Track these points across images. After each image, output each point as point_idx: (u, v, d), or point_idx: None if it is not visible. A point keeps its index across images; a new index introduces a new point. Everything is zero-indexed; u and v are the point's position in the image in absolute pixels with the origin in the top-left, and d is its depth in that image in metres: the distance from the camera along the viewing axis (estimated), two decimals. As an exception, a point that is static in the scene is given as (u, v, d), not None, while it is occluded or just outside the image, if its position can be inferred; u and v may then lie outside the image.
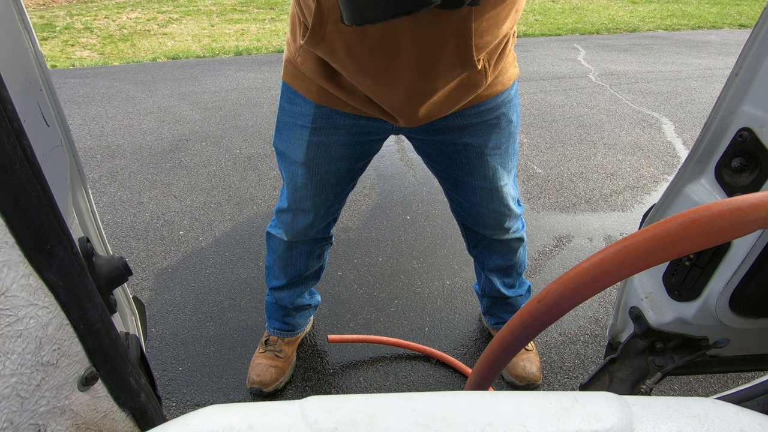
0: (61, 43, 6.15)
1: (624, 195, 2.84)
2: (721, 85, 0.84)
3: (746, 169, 0.81)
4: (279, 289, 1.61)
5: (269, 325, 1.71)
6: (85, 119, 3.74)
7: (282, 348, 1.69)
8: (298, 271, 1.56)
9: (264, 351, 1.69)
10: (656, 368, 1.05)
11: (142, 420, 0.66)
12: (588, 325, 1.94)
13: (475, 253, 1.62)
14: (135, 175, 2.97)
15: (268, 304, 1.69)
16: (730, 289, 0.87)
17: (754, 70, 0.78)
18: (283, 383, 1.67)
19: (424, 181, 2.95)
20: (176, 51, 5.77)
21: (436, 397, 0.48)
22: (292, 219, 1.41)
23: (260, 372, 1.63)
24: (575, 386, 1.69)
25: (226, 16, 7.89)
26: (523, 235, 1.55)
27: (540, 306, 0.63)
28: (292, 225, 1.43)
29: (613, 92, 4.48)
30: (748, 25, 7.64)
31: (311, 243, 1.51)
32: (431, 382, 1.69)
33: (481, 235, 1.51)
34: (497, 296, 1.69)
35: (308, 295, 1.73)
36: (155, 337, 1.84)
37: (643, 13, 8.33)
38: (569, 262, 2.28)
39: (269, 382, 1.63)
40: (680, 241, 0.51)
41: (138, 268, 2.18)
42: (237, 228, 2.47)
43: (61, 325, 0.50)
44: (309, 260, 1.55)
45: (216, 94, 4.32)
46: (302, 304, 1.69)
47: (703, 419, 0.45)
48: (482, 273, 1.68)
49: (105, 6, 8.48)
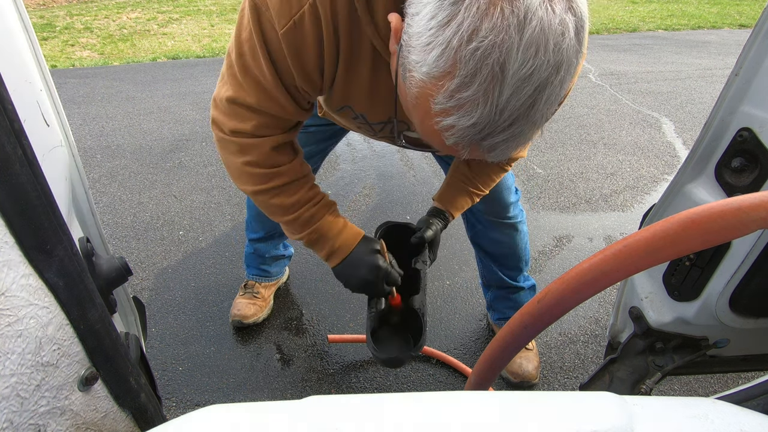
0: (61, 43, 6.15)
1: (624, 195, 2.84)
2: (721, 85, 0.84)
3: (746, 169, 0.81)
4: (257, 240, 1.83)
5: (248, 272, 1.93)
6: (85, 119, 3.74)
7: (259, 290, 1.92)
8: (273, 225, 1.72)
9: (243, 293, 1.91)
10: (656, 368, 1.05)
11: (142, 420, 0.66)
12: (588, 325, 1.94)
13: (471, 234, 1.64)
14: (135, 175, 2.97)
15: (247, 254, 1.90)
16: (730, 289, 0.87)
17: (754, 70, 0.78)
18: (261, 318, 1.90)
19: (424, 181, 2.95)
20: (176, 51, 5.77)
21: (436, 397, 0.48)
22: None
23: (240, 308, 1.86)
24: (575, 386, 1.69)
25: (226, 16, 7.89)
26: (518, 224, 1.56)
27: (540, 306, 0.63)
28: None
29: (613, 92, 4.48)
30: (748, 25, 7.64)
31: None
32: (431, 382, 1.69)
33: (479, 215, 1.53)
34: (499, 286, 1.71)
35: (282, 247, 1.93)
36: (155, 337, 1.84)
37: (643, 13, 8.33)
38: (569, 262, 2.28)
39: (249, 315, 1.86)
40: (680, 241, 0.51)
41: (138, 268, 2.18)
42: (237, 228, 2.47)
43: (61, 325, 0.50)
44: None
45: (216, 94, 4.32)
46: (277, 254, 1.91)
47: (703, 419, 0.45)
48: (481, 259, 1.70)
49: (105, 6, 8.47)
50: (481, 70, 0.57)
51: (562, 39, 0.57)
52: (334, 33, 0.80)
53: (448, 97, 0.60)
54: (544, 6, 0.55)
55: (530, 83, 0.57)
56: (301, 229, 1.05)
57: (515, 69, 0.56)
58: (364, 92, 0.92)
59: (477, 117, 0.60)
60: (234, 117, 0.93)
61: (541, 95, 0.59)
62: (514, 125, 0.61)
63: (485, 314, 1.95)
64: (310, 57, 0.82)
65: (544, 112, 0.62)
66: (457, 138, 0.63)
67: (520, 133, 0.63)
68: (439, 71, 0.59)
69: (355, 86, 0.90)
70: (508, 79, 0.57)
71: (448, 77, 0.59)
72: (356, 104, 0.97)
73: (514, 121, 0.61)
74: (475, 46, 0.56)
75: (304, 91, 0.89)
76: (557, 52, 0.57)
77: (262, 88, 0.87)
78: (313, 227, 1.04)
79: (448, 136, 0.64)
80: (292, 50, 0.81)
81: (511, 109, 0.59)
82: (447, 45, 0.57)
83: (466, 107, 0.60)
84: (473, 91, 0.58)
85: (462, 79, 0.58)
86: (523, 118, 0.61)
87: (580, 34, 0.59)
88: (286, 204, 1.02)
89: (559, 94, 0.61)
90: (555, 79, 0.59)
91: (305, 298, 2.05)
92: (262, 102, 0.89)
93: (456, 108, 0.60)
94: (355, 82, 0.89)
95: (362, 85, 0.90)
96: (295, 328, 1.90)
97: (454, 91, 0.59)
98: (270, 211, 1.05)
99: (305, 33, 0.79)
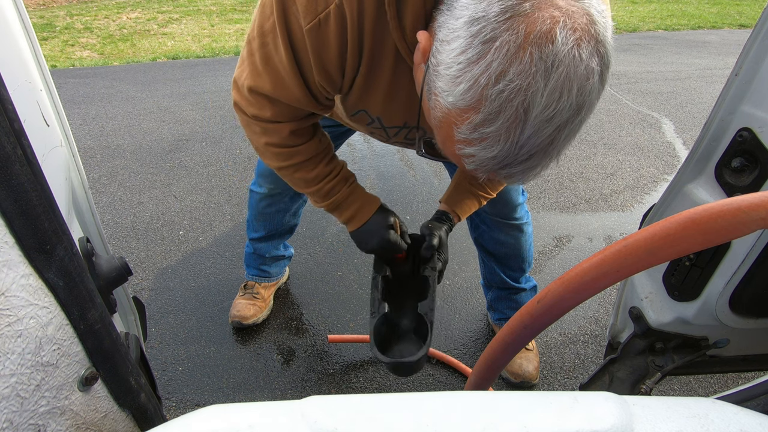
0: (61, 43, 6.15)
1: (624, 195, 2.84)
2: (721, 85, 0.83)
3: (746, 169, 0.81)
4: (257, 240, 1.82)
5: (248, 272, 1.93)
6: (85, 119, 3.74)
7: (259, 291, 1.92)
8: (275, 225, 1.76)
9: (243, 294, 1.91)
10: (656, 368, 1.05)
11: (142, 420, 0.66)
12: (588, 325, 1.94)
13: (475, 235, 1.64)
14: (135, 175, 2.97)
15: (246, 254, 1.91)
16: (730, 289, 0.87)
17: (754, 70, 0.78)
18: (260, 319, 1.89)
19: (424, 181, 2.95)
20: (176, 51, 5.77)
21: (436, 397, 0.48)
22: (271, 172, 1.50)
23: (240, 309, 1.86)
24: (575, 386, 1.69)
25: (226, 16, 7.89)
26: (524, 225, 1.56)
27: (540, 306, 0.63)
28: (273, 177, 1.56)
29: (613, 92, 4.48)
30: (748, 25, 7.64)
31: (288, 200, 1.68)
32: (431, 382, 1.69)
33: (484, 216, 1.53)
34: (501, 287, 1.70)
35: (283, 248, 1.93)
36: (155, 337, 1.84)
37: (643, 13, 8.33)
38: (569, 262, 2.28)
39: (248, 316, 1.85)
40: (680, 241, 0.51)
41: (138, 268, 2.18)
42: (237, 228, 2.47)
43: (61, 325, 0.50)
44: (285, 216, 1.74)
45: (216, 94, 4.32)
46: (277, 254, 1.91)
47: (703, 419, 0.45)
48: (483, 260, 1.70)
49: (105, 6, 8.47)
50: (506, 110, 0.59)
51: (587, 83, 0.59)
52: (358, 34, 0.80)
53: (472, 130, 0.63)
54: (572, 53, 0.57)
55: (551, 124, 0.60)
56: (322, 199, 1.12)
57: (538, 112, 0.59)
58: (383, 95, 0.92)
59: (497, 151, 0.63)
60: (254, 104, 0.96)
61: (560, 134, 0.62)
62: (532, 159, 0.64)
63: (485, 314, 1.95)
64: (333, 56, 0.82)
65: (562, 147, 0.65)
66: (477, 166, 0.67)
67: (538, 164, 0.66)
68: (465, 104, 0.62)
69: (375, 89, 0.91)
70: (531, 120, 0.59)
71: (473, 111, 0.61)
72: (373, 107, 0.98)
73: (533, 155, 0.63)
74: (502, 88, 0.58)
75: (323, 88, 0.89)
76: (580, 96, 0.59)
77: (282, 79, 0.88)
78: (332, 199, 1.11)
79: (468, 162, 0.67)
80: (315, 48, 0.82)
81: (531, 145, 0.62)
82: (475, 82, 0.60)
83: (488, 141, 0.62)
84: (496, 128, 0.61)
85: (486, 116, 0.60)
86: (541, 153, 0.63)
87: (604, 74, 0.62)
88: (308, 178, 1.08)
89: (578, 130, 0.64)
90: (575, 119, 0.62)
91: (305, 298, 2.05)
92: (279, 93, 0.91)
93: (478, 140, 0.63)
94: (374, 84, 0.90)
95: (381, 88, 0.90)
96: (295, 328, 1.90)
97: (478, 125, 0.62)
98: (294, 183, 1.12)
99: (329, 32, 0.79)
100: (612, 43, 0.62)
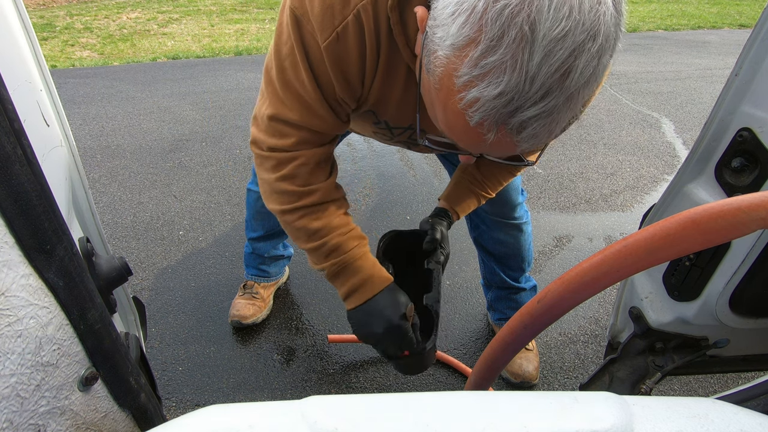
0: (61, 43, 6.15)
1: (624, 195, 2.84)
2: (721, 85, 0.83)
3: (746, 169, 0.81)
4: (256, 239, 1.81)
5: (247, 272, 1.92)
6: (85, 119, 3.74)
7: (258, 290, 1.90)
8: (273, 224, 1.72)
9: (243, 294, 1.90)
10: (656, 368, 1.05)
11: (142, 420, 0.66)
12: (588, 325, 1.94)
13: (475, 235, 1.64)
14: (135, 175, 2.97)
15: (246, 254, 1.89)
16: (730, 289, 0.87)
17: (754, 70, 0.78)
18: (260, 319, 1.88)
19: (424, 181, 2.94)
20: (176, 51, 5.77)
21: (436, 397, 0.48)
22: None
23: (239, 308, 1.85)
24: (575, 386, 1.69)
25: (226, 16, 7.89)
26: (523, 225, 1.55)
27: (540, 306, 0.63)
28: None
29: (613, 92, 4.48)
30: (748, 25, 7.64)
31: None
32: (431, 382, 1.69)
33: (483, 215, 1.52)
34: (500, 287, 1.70)
35: (282, 247, 1.92)
36: (155, 337, 1.84)
37: (643, 13, 8.33)
38: (569, 262, 2.28)
39: (248, 316, 1.84)
40: (680, 241, 0.51)
41: (138, 268, 2.18)
42: (237, 228, 2.47)
43: (61, 325, 0.50)
44: None
45: (216, 94, 4.32)
46: (277, 254, 1.89)
47: (703, 419, 0.45)
48: (483, 260, 1.70)
49: (105, 6, 8.47)
50: (509, 30, 0.51)
51: (598, 4, 0.52)
52: (376, 41, 0.79)
53: (473, 66, 0.54)
54: None
55: (563, 46, 0.51)
56: (325, 258, 0.97)
57: (546, 29, 0.50)
58: (394, 102, 0.91)
59: (504, 85, 0.53)
60: (274, 134, 0.91)
61: (576, 63, 0.52)
62: (547, 97, 0.54)
63: (485, 314, 1.95)
64: (353, 67, 0.81)
65: (581, 86, 0.55)
66: (483, 113, 0.56)
67: (554, 107, 0.55)
68: (464, 39, 0.54)
69: (388, 96, 0.90)
70: (539, 40, 0.51)
71: (473, 44, 0.53)
72: (382, 112, 0.96)
73: (547, 92, 0.54)
74: (503, 5, 0.51)
75: (344, 102, 0.88)
76: (593, 16, 0.51)
77: (304, 101, 0.86)
78: (338, 259, 0.96)
79: (472, 113, 0.57)
80: (334, 62, 0.80)
81: (543, 76, 0.52)
82: (472, 10, 0.53)
83: (492, 74, 0.53)
84: (500, 54, 0.52)
85: (488, 44, 0.52)
86: (556, 89, 0.54)
87: (619, 5, 0.55)
88: (312, 228, 0.95)
89: (597, 67, 0.55)
90: (592, 46, 0.52)
91: (305, 298, 2.05)
92: (303, 117, 0.87)
93: (481, 77, 0.54)
94: (388, 92, 0.89)
95: (394, 95, 0.89)
96: (295, 328, 1.90)
97: (479, 57, 0.53)
98: (295, 234, 0.98)
99: (348, 44, 0.78)
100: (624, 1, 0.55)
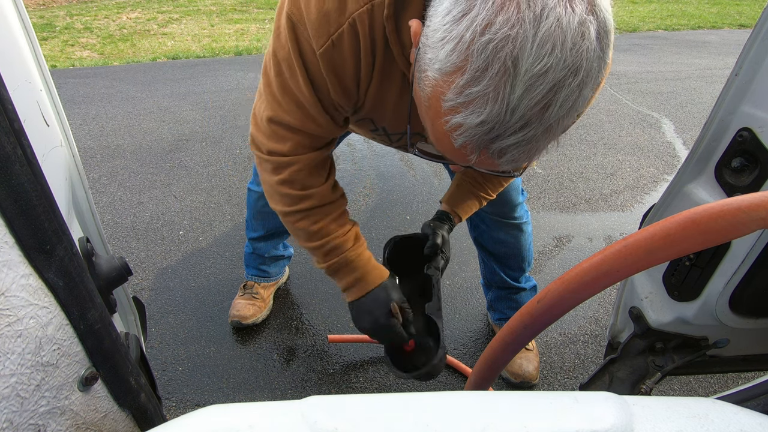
0: (61, 43, 6.15)
1: (624, 195, 2.84)
2: (721, 85, 0.83)
3: (746, 169, 0.81)
4: (256, 239, 1.81)
5: (247, 272, 1.92)
6: (85, 119, 3.74)
7: (258, 291, 1.91)
8: (273, 224, 1.73)
9: (243, 294, 1.91)
10: (656, 368, 1.05)
11: (142, 420, 0.66)
12: (588, 325, 1.94)
13: (475, 235, 1.64)
14: (135, 175, 2.97)
15: (246, 254, 1.90)
16: (730, 289, 0.87)
17: (754, 70, 0.78)
18: (260, 319, 1.89)
19: (424, 181, 2.94)
20: (176, 51, 5.77)
21: (436, 397, 0.48)
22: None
23: (239, 308, 1.86)
24: (575, 386, 1.69)
25: (226, 16, 7.89)
26: (523, 225, 1.56)
27: (540, 306, 0.63)
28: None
29: (613, 92, 4.48)
30: (748, 25, 7.64)
31: None
32: (431, 382, 1.69)
33: (483, 215, 1.53)
34: (501, 287, 1.70)
35: (282, 247, 1.92)
36: (155, 337, 1.84)
37: (643, 13, 8.33)
38: (569, 262, 2.28)
39: (248, 316, 1.85)
40: (680, 241, 0.51)
41: (138, 268, 2.18)
42: (237, 228, 2.47)
43: (61, 325, 0.50)
44: None
45: (216, 94, 4.32)
46: (277, 254, 1.90)
47: (703, 419, 0.45)
48: (483, 260, 1.70)
49: (105, 6, 8.47)
50: (493, 63, 0.54)
51: (582, 40, 0.54)
52: (371, 50, 0.79)
53: (458, 93, 0.57)
54: (563, 4, 0.53)
55: (544, 82, 0.54)
56: (324, 257, 1.03)
57: (528, 64, 0.53)
58: (390, 107, 0.91)
59: (486, 114, 0.56)
60: (272, 137, 0.93)
61: (556, 97, 0.55)
62: (526, 128, 0.57)
63: (485, 314, 1.95)
64: (349, 73, 0.82)
65: (560, 117, 0.58)
66: (465, 138, 0.59)
67: (533, 137, 0.58)
68: (450, 66, 0.57)
69: (383, 102, 0.90)
70: (521, 75, 0.53)
71: (459, 72, 0.56)
72: (379, 119, 0.97)
73: (526, 123, 0.57)
74: (488, 39, 0.53)
75: (340, 107, 0.89)
76: (575, 53, 0.54)
77: (301, 106, 0.87)
78: (336, 259, 1.02)
79: (456, 136, 0.60)
80: (330, 68, 0.81)
81: (523, 108, 0.55)
82: (460, 39, 0.55)
83: (475, 103, 0.56)
84: (483, 86, 0.55)
85: (473, 74, 0.55)
86: (536, 121, 0.56)
87: (603, 39, 0.56)
88: (311, 230, 1.00)
89: (576, 100, 0.57)
90: (572, 81, 0.55)
91: (305, 298, 2.05)
92: (300, 120, 0.89)
93: (465, 104, 0.57)
94: (383, 98, 0.89)
95: (390, 101, 0.90)
96: (295, 328, 1.90)
97: (464, 86, 0.56)
98: (296, 234, 1.04)
99: (344, 51, 0.79)
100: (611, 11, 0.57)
